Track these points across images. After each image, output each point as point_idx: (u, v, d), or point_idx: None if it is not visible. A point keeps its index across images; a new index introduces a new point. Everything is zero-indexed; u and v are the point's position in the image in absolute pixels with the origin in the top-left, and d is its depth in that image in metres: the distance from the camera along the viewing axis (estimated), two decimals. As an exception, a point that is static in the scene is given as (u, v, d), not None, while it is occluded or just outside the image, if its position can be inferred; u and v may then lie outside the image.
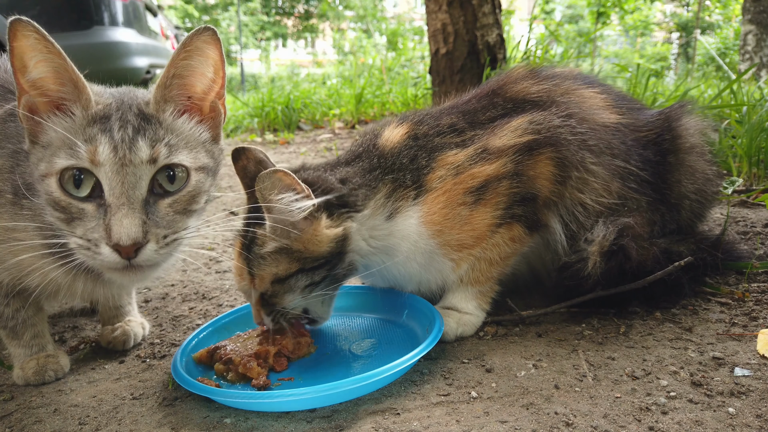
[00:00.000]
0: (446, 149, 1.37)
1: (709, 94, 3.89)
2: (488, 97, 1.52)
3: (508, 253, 1.40)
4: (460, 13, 4.22)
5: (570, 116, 1.42)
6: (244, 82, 18.37)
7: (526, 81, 1.53)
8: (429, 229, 1.33)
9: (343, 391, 1.09)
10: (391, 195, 1.33)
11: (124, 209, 0.98)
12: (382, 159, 1.38)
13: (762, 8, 7.53)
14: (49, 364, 1.31)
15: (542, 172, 1.37)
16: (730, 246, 1.64)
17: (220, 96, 1.16)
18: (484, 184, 1.34)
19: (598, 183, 1.41)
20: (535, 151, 1.36)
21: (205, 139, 1.15)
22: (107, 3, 6.26)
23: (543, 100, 1.47)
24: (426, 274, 1.40)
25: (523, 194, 1.37)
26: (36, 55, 0.99)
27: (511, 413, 1.05)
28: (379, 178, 1.34)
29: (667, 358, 1.22)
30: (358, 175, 1.34)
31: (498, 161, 1.35)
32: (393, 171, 1.35)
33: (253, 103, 6.44)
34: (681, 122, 1.55)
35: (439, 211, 1.33)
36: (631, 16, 17.21)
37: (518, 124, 1.40)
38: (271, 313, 1.29)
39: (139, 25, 7.06)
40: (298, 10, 28.64)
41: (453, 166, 1.35)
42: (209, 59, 1.10)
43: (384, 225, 1.32)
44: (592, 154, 1.41)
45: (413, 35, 15.22)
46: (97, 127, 1.02)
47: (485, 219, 1.35)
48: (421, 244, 1.34)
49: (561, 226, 1.43)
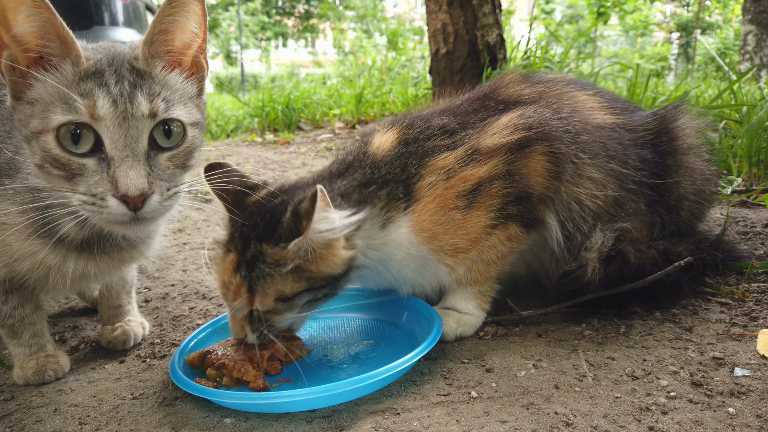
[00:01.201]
0: (436, 153, 1.35)
1: (710, 94, 3.89)
2: (480, 100, 1.51)
3: (505, 252, 1.40)
4: (460, 13, 4.22)
5: (561, 109, 1.42)
6: (245, 82, 18.37)
7: (519, 85, 1.52)
8: (419, 237, 1.31)
9: (341, 392, 1.09)
10: (385, 206, 1.30)
11: (129, 161, 0.99)
12: (375, 170, 1.33)
13: (762, 8, 7.53)
14: (49, 363, 1.31)
15: (535, 168, 1.36)
16: (730, 246, 1.64)
17: (202, 50, 1.18)
18: (476, 187, 1.32)
19: (594, 178, 1.40)
20: (527, 149, 1.35)
21: (193, 94, 1.16)
22: (108, 3, 6.26)
23: (533, 100, 1.46)
24: (419, 278, 1.39)
25: (517, 193, 1.35)
26: (20, 8, 0.97)
27: (511, 413, 1.05)
28: (374, 194, 1.30)
29: (667, 358, 1.22)
30: (355, 190, 1.30)
31: (489, 162, 1.33)
32: (388, 184, 1.32)
33: (253, 103, 6.43)
34: (677, 123, 1.55)
35: (429, 218, 1.31)
36: (631, 17, 17.22)
37: (509, 119, 1.38)
38: (256, 329, 1.21)
39: (140, 26, 7.06)
40: (299, 10, 28.66)
41: (443, 171, 1.32)
42: (193, 14, 1.10)
43: (379, 234, 1.30)
44: (586, 148, 1.40)
45: (413, 35, 15.23)
46: (91, 82, 1.01)
47: (479, 222, 1.34)
48: (412, 251, 1.32)
49: (557, 223, 1.41)
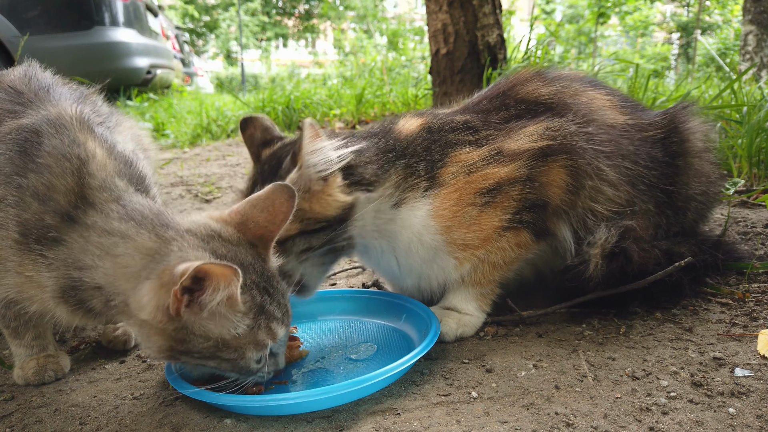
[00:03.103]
0: (460, 146, 1.37)
1: (710, 94, 3.88)
2: (499, 98, 1.52)
3: (512, 258, 1.40)
4: (460, 13, 4.22)
5: (587, 123, 1.42)
6: (245, 83, 18.38)
7: (535, 82, 1.52)
8: (438, 224, 1.33)
9: (337, 395, 1.08)
10: (401, 183, 1.32)
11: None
12: (398, 142, 1.37)
13: (762, 9, 7.53)
14: (49, 364, 1.31)
15: (555, 179, 1.37)
16: (731, 246, 1.64)
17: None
18: (495, 187, 1.33)
19: (611, 190, 1.40)
20: (549, 158, 1.36)
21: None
22: (108, 3, 6.27)
23: (554, 102, 1.47)
24: (427, 270, 1.40)
25: (534, 200, 1.36)
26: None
27: (511, 413, 1.05)
28: (392, 161, 1.34)
29: (668, 359, 1.22)
30: (372, 151, 1.34)
31: (512, 164, 1.34)
32: (406, 156, 1.35)
33: (253, 104, 6.43)
34: (688, 125, 1.55)
35: (450, 207, 1.32)
36: (632, 17, 17.21)
37: (535, 129, 1.39)
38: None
39: (140, 26, 7.08)
40: (299, 10, 28.66)
41: (466, 164, 1.34)
42: None
43: (389, 211, 1.32)
44: (607, 159, 1.40)
45: (414, 35, 15.21)
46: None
47: (493, 221, 1.35)
48: (426, 238, 1.33)
49: (570, 234, 1.42)
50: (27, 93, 1.23)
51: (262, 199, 1.10)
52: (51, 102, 1.22)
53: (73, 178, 1.07)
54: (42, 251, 1.04)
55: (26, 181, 1.06)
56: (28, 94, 1.23)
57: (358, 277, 1.94)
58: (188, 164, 4.37)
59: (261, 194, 1.10)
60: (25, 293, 1.10)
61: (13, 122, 1.15)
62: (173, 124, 6.04)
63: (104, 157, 1.13)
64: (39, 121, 1.14)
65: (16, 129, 1.12)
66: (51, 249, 1.04)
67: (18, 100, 1.21)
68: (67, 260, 1.03)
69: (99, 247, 1.02)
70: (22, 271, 1.07)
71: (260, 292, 1.04)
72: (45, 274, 1.05)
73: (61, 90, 1.29)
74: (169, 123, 6.09)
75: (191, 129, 5.79)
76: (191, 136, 5.66)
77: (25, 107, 1.19)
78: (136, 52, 6.70)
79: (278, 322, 1.07)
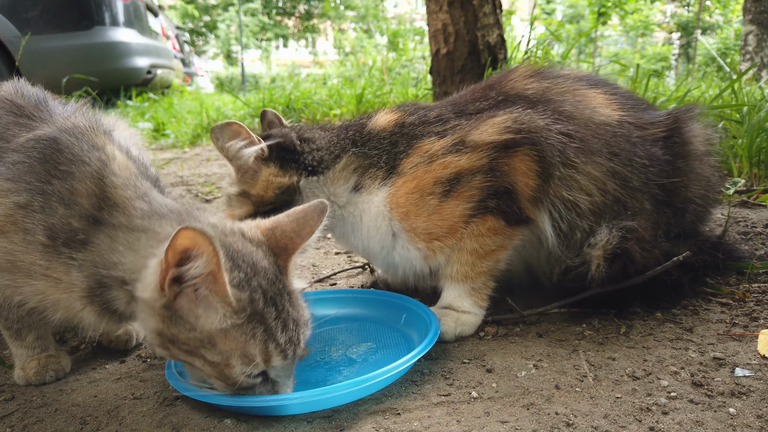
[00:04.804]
0: (425, 137, 1.40)
1: (710, 94, 3.88)
2: (483, 90, 1.53)
3: (492, 247, 1.39)
4: (460, 13, 4.22)
5: (558, 114, 1.41)
6: (245, 83, 18.38)
7: (528, 78, 1.53)
8: (394, 211, 1.36)
9: (337, 395, 1.08)
10: (357, 170, 1.41)
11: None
12: (358, 135, 1.46)
13: (763, 9, 7.52)
14: (50, 364, 1.31)
15: (518, 167, 1.36)
16: (731, 246, 1.64)
17: None
18: (456, 176, 1.35)
19: (590, 182, 1.39)
20: (512, 150, 1.35)
21: None
22: (108, 3, 6.27)
23: (536, 97, 1.46)
24: (388, 257, 1.43)
25: (497, 187, 1.36)
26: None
27: (511, 413, 1.05)
28: (343, 148, 1.43)
29: (668, 359, 1.22)
30: (325, 139, 1.45)
31: (473, 154, 1.35)
32: (366, 146, 1.42)
33: (254, 103, 6.43)
34: (691, 128, 1.53)
35: (406, 195, 1.35)
36: (632, 17, 17.21)
37: (502, 120, 1.38)
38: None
39: (140, 26, 7.08)
40: (299, 10, 28.66)
41: (427, 154, 1.37)
42: None
43: (345, 195, 1.42)
44: (583, 153, 1.39)
45: (414, 35, 15.21)
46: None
47: (456, 210, 1.35)
48: (382, 223, 1.38)
49: (550, 222, 1.41)
50: (26, 107, 1.25)
51: (299, 210, 1.13)
52: (53, 114, 1.24)
53: (94, 180, 1.09)
54: (71, 254, 1.06)
55: (51, 187, 1.08)
56: (27, 107, 1.24)
57: (358, 277, 1.94)
58: (188, 164, 4.37)
59: (300, 206, 1.14)
60: (50, 299, 1.12)
61: (28, 133, 1.17)
62: (173, 124, 6.04)
63: (124, 159, 1.16)
64: (55, 130, 1.16)
65: (34, 139, 1.15)
66: (79, 251, 1.06)
67: (20, 113, 1.23)
68: (95, 260, 1.06)
69: (124, 244, 1.04)
70: (49, 273, 1.08)
71: (264, 300, 1.00)
72: (74, 274, 1.07)
73: (53, 104, 1.30)
74: (170, 123, 6.10)
75: (191, 129, 5.80)
76: (191, 136, 5.67)
77: (31, 120, 1.21)
78: (137, 52, 6.70)
79: (276, 347, 0.99)
